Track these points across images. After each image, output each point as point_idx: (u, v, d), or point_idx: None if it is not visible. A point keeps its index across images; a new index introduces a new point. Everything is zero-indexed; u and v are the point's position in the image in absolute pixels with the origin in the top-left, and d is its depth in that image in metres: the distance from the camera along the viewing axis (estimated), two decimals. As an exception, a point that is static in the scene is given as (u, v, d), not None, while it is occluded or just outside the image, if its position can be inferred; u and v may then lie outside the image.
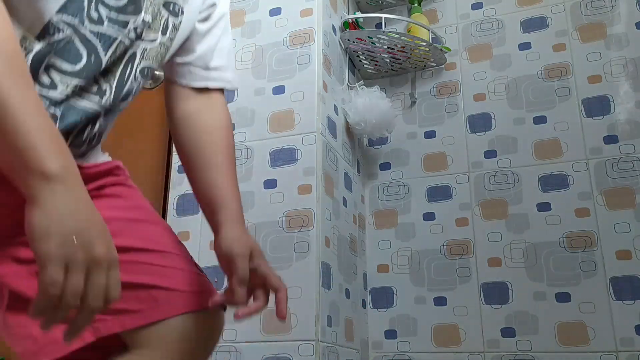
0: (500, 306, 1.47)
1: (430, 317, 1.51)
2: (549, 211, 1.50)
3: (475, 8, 1.76)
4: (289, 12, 1.50)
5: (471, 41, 1.74)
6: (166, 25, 0.76)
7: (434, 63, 1.73)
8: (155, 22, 0.74)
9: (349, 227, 1.49)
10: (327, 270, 1.29)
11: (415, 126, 1.71)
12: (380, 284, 1.59)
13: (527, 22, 1.69)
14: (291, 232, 1.28)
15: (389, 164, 1.70)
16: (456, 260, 1.54)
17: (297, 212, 1.29)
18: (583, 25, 1.64)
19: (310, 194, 1.29)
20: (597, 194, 1.48)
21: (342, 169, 1.49)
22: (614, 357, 1.34)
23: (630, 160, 1.47)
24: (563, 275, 1.44)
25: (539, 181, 1.53)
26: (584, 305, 1.40)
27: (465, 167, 1.62)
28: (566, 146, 1.54)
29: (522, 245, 1.49)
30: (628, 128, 1.50)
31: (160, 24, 0.75)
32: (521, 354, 1.41)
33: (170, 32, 0.77)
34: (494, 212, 1.55)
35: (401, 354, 1.51)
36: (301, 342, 1.19)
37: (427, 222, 1.60)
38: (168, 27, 0.77)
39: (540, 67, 1.63)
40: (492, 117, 1.64)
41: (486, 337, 1.45)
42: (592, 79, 1.58)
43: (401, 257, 1.59)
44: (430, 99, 1.72)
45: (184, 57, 0.85)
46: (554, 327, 1.41)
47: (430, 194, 1.63)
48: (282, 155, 1.35)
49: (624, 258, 1.41)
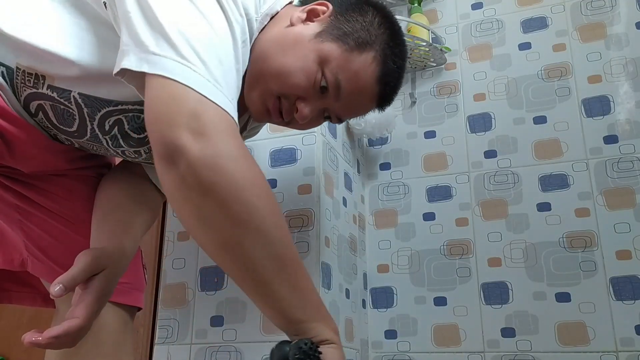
0: (500, 306, 1.47)
1: (430, 317, 1.51)
2: (549, 211, 1.50)
3: (475, 8, 1.77)
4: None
5: (471, 41, 1.74)
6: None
7: (434, 63, 1.73)
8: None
9: (349, 227, 1.49)
10: (327, 270, 1.29)
11: (415, 126, 1.71)
12: (380, 284, 1.59)
13: (527, 22, 1.69)
14: (291, 232, 1.28)
15: (389, 164, 1.70)
16: (456, 260, 1.54)
17: (297, 212, 1.29)
18: (583, 25, 1.64)
19: (310, 194, 1.29)
20: (597, 194, 1.48)
21: (342, 169, 1.49)
22: (614, 357, 1.35)
23: (630, 160, 1.47)
24: (563, 275, 1.44)
25: (539, 181, 1.54)
26: (584, 305, 1.40)
27: (465, 167, 1.62)
28: (566, 146, 1.54)
29: (522, 245, 1.50)
30: (628, 128, 1.50)
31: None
32: (521, 354, 1.41)
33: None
34: (494, 212, 1.55)
35: (401, 354, 1.51)
36: (301, 342, 1.19)
37: (427, 222, 1.60)
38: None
39: (540, 67, 1.63)
40: (492, 117, 1.64)
41: (486, 337, 1.45)
42: (592, 79, 1.58)
43: (401, 257, 1.59)
44: (430, 99, 1.72)
45: None
46: (554, 327, 1.41)
47: (430, 194, 1.63)
48: (282, 155, 1.35)
49: (624, 258, 1.41)
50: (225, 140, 0.63)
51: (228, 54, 0.70)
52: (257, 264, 0.63)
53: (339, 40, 0.83)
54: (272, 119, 0.88)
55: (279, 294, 0.64)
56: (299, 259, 0.66)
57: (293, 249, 0.65)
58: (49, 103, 0.80)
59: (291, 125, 0.91)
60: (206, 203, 0.62)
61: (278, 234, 0.63)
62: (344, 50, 0.83)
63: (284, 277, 0.63)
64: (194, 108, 0.63)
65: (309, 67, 0.82)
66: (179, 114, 0.62)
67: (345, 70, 0.83)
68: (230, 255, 0.64)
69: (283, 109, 0.86)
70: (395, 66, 0.89)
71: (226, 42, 0.71)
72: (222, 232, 0.63)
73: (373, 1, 0.90)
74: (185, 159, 0.61)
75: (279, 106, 0.86)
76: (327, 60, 0.83)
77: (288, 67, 0.82)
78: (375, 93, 0.88)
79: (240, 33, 0.74)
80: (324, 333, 0.65)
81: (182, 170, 0.62)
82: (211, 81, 0.65)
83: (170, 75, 0.64)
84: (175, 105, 0.63)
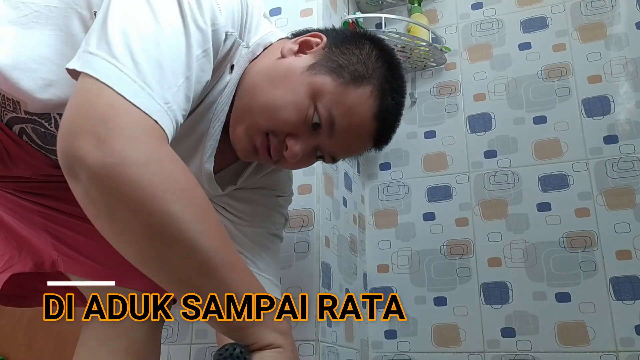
0: (500, 306, 1.47)
1: (430, 317, 1.51)
2: (549, 211, 1.50)
3: (475, 8, 1.77)
4: (289, 12, 1.50)
5: (471, 41, 1.74)
6: None
7: (434, 63, 1.73)
8: None
9: (349, 227, 1.49)
10: (327, 270, 1.29)
11: (415, 126, 1.71)
12: (380, 284, 1.59)
13: (527, 22, 1.69)
14: (291, 232, 1.28)
15: (389, 164, 1.70)
16: (456, 260, 1.54)
17: (297, 212, 1.29)
18: (583, 25, 1.64)
19: (310, 194, 1.29)
20: (597, 194, 1.48)
21: (342, 169, 1.49)
22: (614, 357, 1.34)
23: (630, 160, 1.47)
24: (563, 275, 1.44)
25: (539, 181, 1.53)
26: (584, 305, 1.40)
27: (465, 167, 1.62)
28: (566, 146, 1.54)
29: (522, 245, 1.49)
30: (628, 128, 1.50)
31: None
32: (521, 354, 1.41)
33: None
34: (494, 212, 1.55)
35: (401, 354, 1.51)
36: (301, 342, 1.19)
37: (427, 222, 1.60)
38: None
39: (540, 67, 1.63)
40: (492, 117, 1.64)
41: (486, 337, 1.45)
42: (592, 79, 1.58)
43: (401, 257, 1.59)
44: (430, 99, 1.72)
45: None
46: (554, 327, 1.41)
47: (430, 194, 1.63)
48: (282, 155, 1.35)
49: (624, 258, 1.41)
50: (133, 146, 0.56)
51: (175, 59, 0.64)
52: (181, 275, 0.59)
53: (334, 73, 0.77)
54: (260, 157, 0.81)
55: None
56: (234, 260, 0.61)
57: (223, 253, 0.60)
58: (30, 126, 0.78)
59: (280, 164, 0.83)
60: (116, 217, 0.57)
61: (202, 241, 0.58)
62: (339, 83, 0.77)
63: (213, 286, 0.59)
64: (104, 111, 0.57)
65: (301, 101, 0.76)
66: (86, 119, 0.57)
67: (339, 105, 0.77)
68: (151, 269, 0.60)
69: (271, 146, 0.79)
70: (394, 102, 0.82)
71: (176, 46, 0.64)
72: (139, 245, 0.58)
73: (370, 34, 0.85)
74: (85, 170, 0.56)
75: (267, 144, 0.78)
76: (320, 93, 0.76)
77: (277, 100, 0.76)
78: (372, 130, 0.81)
79: (200, 41, 0.67)
80: (266, 337, 0.62)
81: (85, 183, 0.57)
82: (138, 82, 0.59)
83: (93, 74, 0.59)
84: (85, 108, 0.58)
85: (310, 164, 0.87)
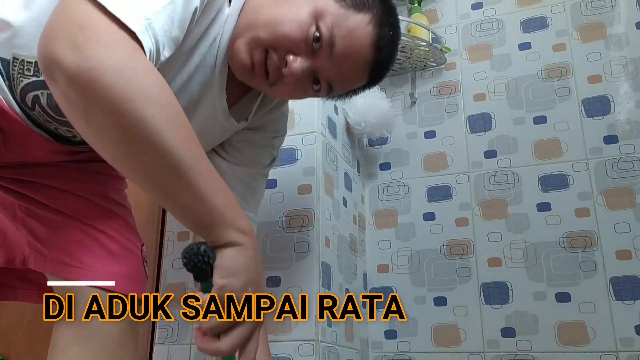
0: (500, 306, 1.47)
1: (430, 317, 1.51)
2: (549, 211, 1.50)
3: (475, 8, 1.77)
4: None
5: (471, 41, 1.74)
6: None
7: (434, 63, 1.73)
8: None
9: (349, 227, 1.49)
10: (327, 270, 1.29)
11: (415, 126, 1.71)
12: (380, 284, 1.59)
13: (527, 22, 1.69)
14: (291, 232, 1.28)
15: (389, 164, 1.70)
16: (456, 260, 1.54)
17: (297, 212, 1.29)
18: (583, 25, 1.64)
19: (310, 194, 1.29)
20: (597, 194, 1.48)
21: (342, 169, 1.49)
22: (614, 357, 1.34)
23: (630, 160, 1.47)
24: (563, 275, 1.44)
25: (539, 181, 1.53)
26: (584, 305, 1.40)
27: (465, 167, 1.62)
28: (566, 146, 1.54)
29: (522, 245, 1.49)
30: (628, 128, 1.50)
31: None
32: (521, 354, 1.41)
33: None
34: (494, 212, 1.55)
35: (401, 354, 1.51)
36: (301, 342, 1.19)
37: (427, 222, 1.60)
38: None
39: (540, 67, 1.63)
40: (492, 117, 1.64)
41: (486, 337, 1.45)
42: (592, 79, 1.58)
43: (401, 257, 1.59)
44: (430, 99, 1.72)
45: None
46: (554, 327, 1.41)
47: (430, 194, 1.63)
48: (282, 156, 1.35)
49: (624, 258, 1.41)
50: (107, 53, 0.59)
51: None
52: (153, 175, 0.62)
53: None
54: (255, 76, 0.83)
55: (180, 202, 0.63)
56: (202, 163, 0.64)
57: (192, 156, 0.63)
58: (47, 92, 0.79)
59: (275, 88, 0.85)
60: (91, 118, 0.61)
61: (172, 143, 0.60)
62: (341, 6, 0.81)
63: (182, 186, 0.62)
64: (82, 19, 0.60)
65: (303, 19, 0.79)
66: (65, 25, 0.61)
67: (340, 26, 0.80)
68: (125, 167, 0.64)
69: (270, 64, 0.80)
70: (391, 33, 0.85)
71: None
72: (114, 145, 0.62)
73: None
74: (62, 74, 0.59)
75: (265, 59, 0.80)
76: (323, 14, 0.79)
77: (281, 16, 0.79)
78: (368, 58, 0.84)
79: None
80: (227, 235, 0.64)
81: (62, 86, 0.60)
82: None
83: None
84: (65, 15, 0.61)
85: (305, 93, 0.88)
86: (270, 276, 1.26)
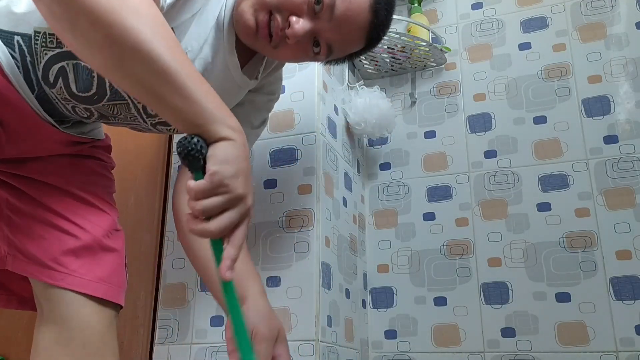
0: (500, 306, 1.47)
1: (430, 317, 1.51)
2: (549, 211, 1.50)
3: (475, 8, 1.77)
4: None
5: (471, 41, 1.74)
6: None
7: (434, 63, 1.73)
8: None
9: (349, 227, 1.49)
10: (327, 270, 1.29)
11: (415, 126, 1.71)
12: (380, 284, 1.59)
13: (527, 22, 1.69)
14: (291, 232, 1.28)
15: (389, 164, 1.70)
16: (456, 260, 1.54)
17: (297, 212, 1.29)
18: (583, 25, 1.64)
19: (310, 194, 1.29)
20: (597, 194, 1.48)
21: (342, 169, 1.49)
22: (614, 357, 1.35)
23: (630, 160, 1.47)
24: (563, 275, 1.44)
25: (539, 181, 1.54)
26: (584, 305, 1.40)
27: (465, 167, 1.62)
28: (566, 146, 1.54)
29: (522, 245, 1.50)
30: (628, 128, 1.50)
31: None
32: (521, 354, 1.41)
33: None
34: (494, 212, 1.55)
35: (401, 354, 1.51)
36: (301, 342, 1.19)
37: (427, 222, 1.60)
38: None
39: (540, 67, 1.63)
40: (492, 117, 1.64)
41: (486, 337, 1.45)
42: (592, 79, 1.58)
43: (401, 257, 1.59)
44: (430, 99, 1.73)
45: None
46: (554, 327, 1.41)
47: (430, 194, 1.63)
48: (282, 155, 1.35)
49: (624, 258, 1.41)
50: None
51: None
52: (143, 81, 0.64)
53: None
54: (259, 38, 0.88)
55: (172, 105, 0.65)
56: (190, 68, 0.67)
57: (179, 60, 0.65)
58: (72, 62, 0.82)
59: (277, 50, 0.90)
60: (77, 30, 0.63)
61: (158, 49, 0.63)
62: None
63: (172, 90, 0.64)
64: None
65: None
66: None
67: None
68: (115, 76, 0.66)
69: (274, 25, 0.86)
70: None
71: None
72: (102, 54, 0.64)
73: None
74: None
75: (269, 21, 0.86)
76: None
77: None
78: (366, 21, 0.89)
79: None
80: (219, 131, 0.66)
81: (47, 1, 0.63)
82: None
83: None
84: None
85: (306, 55, 0.93)
86: (270, 276, 1.26)
